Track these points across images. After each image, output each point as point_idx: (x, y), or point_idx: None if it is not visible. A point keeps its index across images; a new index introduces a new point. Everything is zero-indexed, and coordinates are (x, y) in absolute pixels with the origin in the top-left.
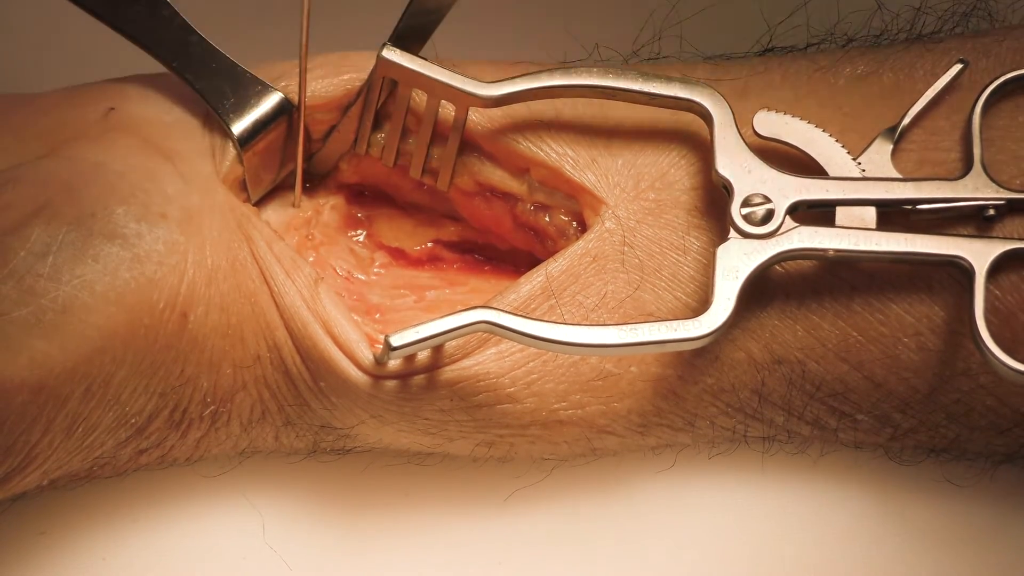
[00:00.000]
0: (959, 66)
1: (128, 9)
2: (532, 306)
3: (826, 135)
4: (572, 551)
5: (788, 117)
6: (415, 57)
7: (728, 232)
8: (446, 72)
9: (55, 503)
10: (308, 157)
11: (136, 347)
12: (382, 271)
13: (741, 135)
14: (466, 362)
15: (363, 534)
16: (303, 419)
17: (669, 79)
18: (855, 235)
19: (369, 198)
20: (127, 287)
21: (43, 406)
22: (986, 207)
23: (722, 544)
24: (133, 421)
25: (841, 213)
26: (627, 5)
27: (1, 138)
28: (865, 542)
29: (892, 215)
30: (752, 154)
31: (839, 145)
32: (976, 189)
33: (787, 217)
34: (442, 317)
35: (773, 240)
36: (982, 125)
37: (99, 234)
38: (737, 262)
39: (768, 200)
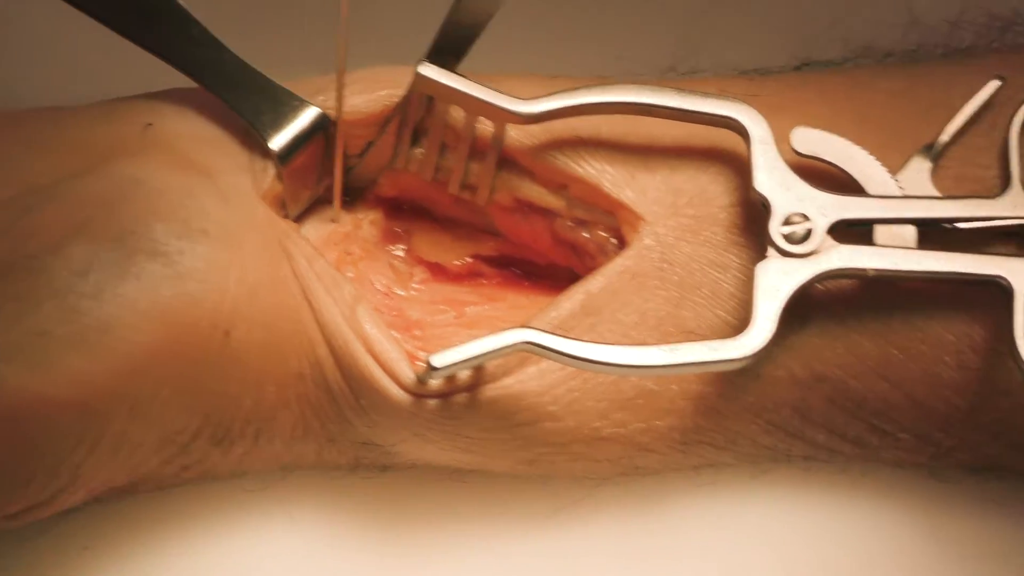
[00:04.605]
0: (996, 83)
1: (159, 29)
2: (572, 324)
3: (864, 152)
4: (614, 568)
5: (826, 134)
6: (452, 73)
7: (767, 250)
8: (483, 89)
9: (98, 518)
10: (346, 172)
11: (179, 366)
12: (421, 286)
13: (779, 152)
14: (507, 380)
15: (404, 550)
16: (345, 436)
17: (706, 95)
18: (895, 254)
19: (408, 212)
20: (169, 305)
21: (88, 425)
22: None
23: (764, 563)
24: (177, 439)
25: (880, 231)
26: (664, 20)
27: (39, 153)
28: (907, 561)
29: (931, 233)
30: (790, 171)
31: (877, 163)
32: (1015, 207)
33: (826, 235)
34: (483, 337)
35: (812, 259)
36: (1020, 142)
37: (140, 252)
38: (777, 281)
39: (807, 219)
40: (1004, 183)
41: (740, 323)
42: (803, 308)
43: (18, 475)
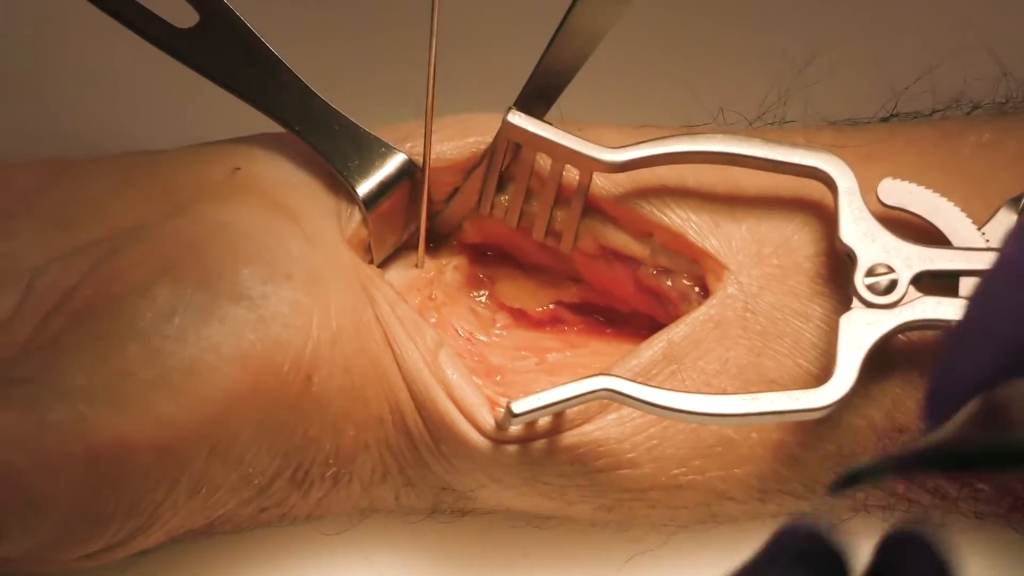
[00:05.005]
0: None
1: (249, 75)
2: (653, 372)
3: (951, 204)
4: None
5: (912, 185)
6: (540, 121)
7: (851, 301)
8: (570, 137)
9: (176, 559)
10: (431, 218)
11: (261, 408)
12: (503, 332)
13: (865, 203)
14: (587, 427)
15: None
16: (424, 480)
17: (793, 146)
18: None
19: (492, 258)
20: (253, 349)
21: (168, 466)
22: None
23: None
24: (256, 481)
25: (965, 283)
26: (752, 69)
27: (127, 196)
28: None
29: None
30: (876, 222)
31: (964, 214)
32: None
33: (910, 287)
34: (564, 384)
35: (896, 310)
36: None
37: (225, 295)
38: (860, 332)
39: (892, 270)
40: None
41: (822, 373)
42: (885, 358)
43: (98, 514)
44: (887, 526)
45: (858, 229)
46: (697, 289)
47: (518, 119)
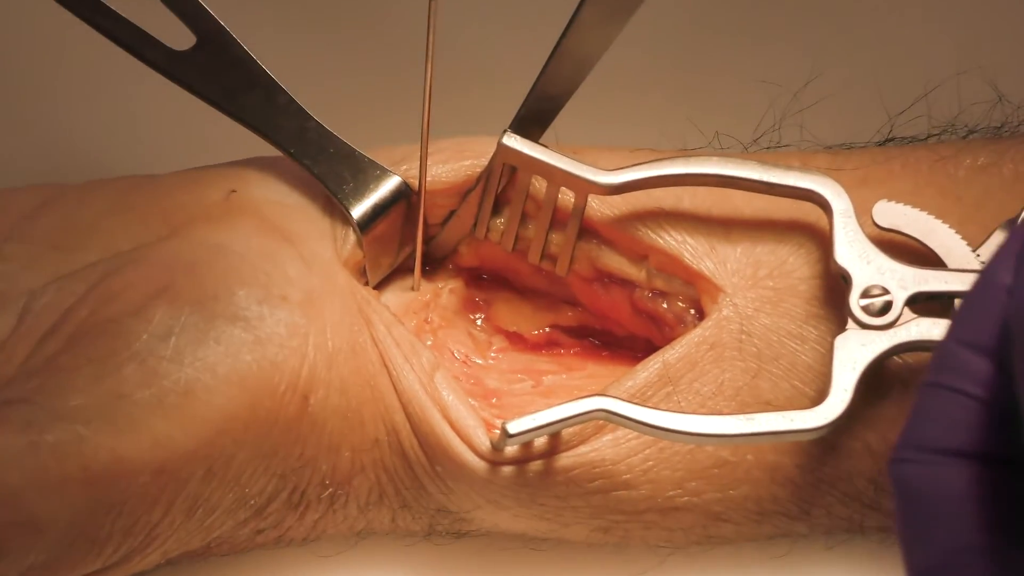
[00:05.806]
0: None
1: (245, 97)
2: (649, 393)
3: (945, 226)
4: None
5: (908, 208)
6: (535, 144)
7: (846, 322)
8: (566, 160)
9: None
10: (427, 240)
11: (257, 429)
12: (499, 355)
13: (860, 225)
14: (582, 448)
15: None
16: (419, 502)
17: (788, 168)
18: None
19: (488, 282)
20: (249, 369)
21: (164, 487)
22: None
23: None
24: (252, 502)
25: (959, 304)
26: (747, 93)
27: (123, 219)
28: None
29: None
30: (871, 244)
31: (959, 236)
32: None
33: (905, 308)
34: (559, 405)
35: (891, 331)
36: None
37: (221, 316)
38: (855, 353)
39: (887, 291)
40: None
41: (817, 394)
42: (880, 380)
43: (95, 535)
44: None
45: (853, 251)
46: (693, 311)
47: (514, 141)
